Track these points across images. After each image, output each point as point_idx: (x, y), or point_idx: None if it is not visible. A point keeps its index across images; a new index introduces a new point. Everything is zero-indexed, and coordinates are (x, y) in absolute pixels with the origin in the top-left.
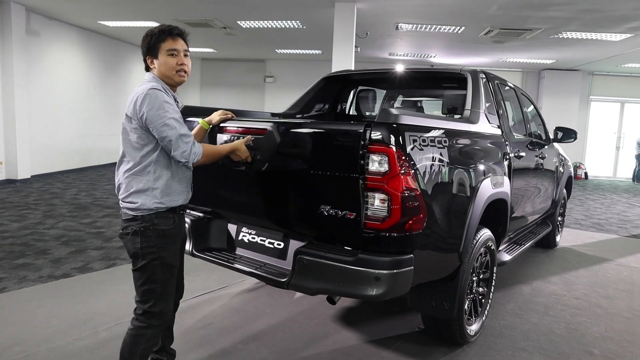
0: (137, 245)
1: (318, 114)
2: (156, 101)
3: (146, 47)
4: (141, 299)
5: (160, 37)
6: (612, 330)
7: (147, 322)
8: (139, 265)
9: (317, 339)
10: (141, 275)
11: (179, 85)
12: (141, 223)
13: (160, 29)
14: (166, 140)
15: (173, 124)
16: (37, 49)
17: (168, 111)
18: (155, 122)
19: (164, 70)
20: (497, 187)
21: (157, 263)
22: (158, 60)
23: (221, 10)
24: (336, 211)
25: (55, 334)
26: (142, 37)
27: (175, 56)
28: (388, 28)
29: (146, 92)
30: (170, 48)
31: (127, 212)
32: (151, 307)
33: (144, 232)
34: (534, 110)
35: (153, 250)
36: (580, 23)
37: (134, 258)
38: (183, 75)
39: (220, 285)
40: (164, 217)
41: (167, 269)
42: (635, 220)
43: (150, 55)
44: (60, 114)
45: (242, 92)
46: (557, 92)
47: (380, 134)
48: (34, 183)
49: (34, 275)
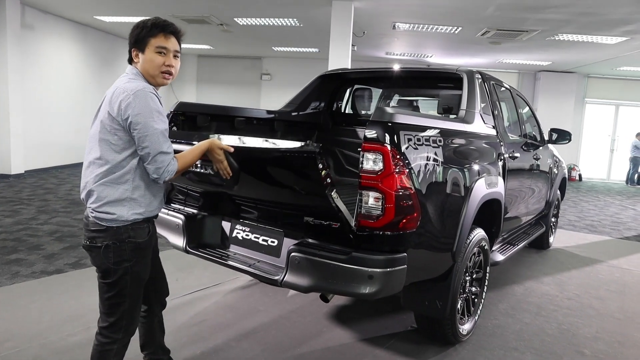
0: (109, 260)
1: (314, 111)
2: (146, 107)
3: (134, 39)
4: (107, 311)
5: (151, 30)
6: (603, 331)
7: (113, 336)
8: (110, 280)
9: (310, 336)
10: (110, 289)
11: (160, 86)
12: (115, 236)
13: (154, 22)
14: (144, 152)
15: (157, 138)
16: (32, 44)
17: (156, 121)
18: (140, 130)
19: (148, 68)
20: (491, 188)
21: (128, 278)
22: (144, 56)
23: (218, 7)
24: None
25: (48, 330)
26: (133, 26)
27: (164, 55)
28: (385, 27)
29: (135, 93)
30: (159, 45)
31: (97, 222)
32: (117, 321)
33: (119, 246)
34: (529, 111)
35: (127, 266)
36: (577, 26)
37: (104, 273)
38: (168, 77)
39: (213, 282)
40: (140, 229)
41: (139, 283)
42: (628, 223)
43: (136, 48)
44: (55, 109)
45: (238, 89)
46: (553, 94)
47: (375, 132)
48: (27, 178)
49: (27, 270)
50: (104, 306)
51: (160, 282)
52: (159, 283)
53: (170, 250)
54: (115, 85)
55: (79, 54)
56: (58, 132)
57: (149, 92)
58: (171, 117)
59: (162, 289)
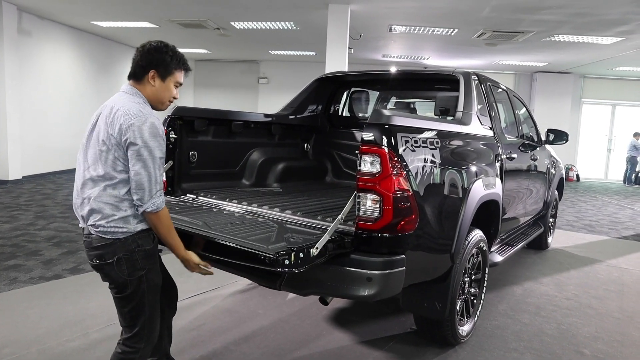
0: (123, 273)
1: (311, 114)
2: (152, 139)
3: (159, 62)
4: (129, 324)
5: (179, 64)
6: (602, 330)
7: (136, 346)
8: (127, 292)
9: (310, 339)
10: (129, 301)
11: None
12: (124, 247)
13: (182, 58)
14: (136, 177)
15: (152, 170)
16: (29, 49)
17: (157, 151)
18: (139, 158)
19: (161, 96)
20: (489, 189)
21: (145, 287)
22: (163, 84)
23: (215, 11)
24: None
25: (46, 336)
26: (155, 46)
27: (176, 88)
28: (381, 30)
29: (143, 118)
30: (179, 81)
31: (102, 237)
32: (140, 331)
33: (130, 256)
34: (526, 112)
35: (141, 275)
36: (572, 26)
37: (121, 287)
38: (168, 106)
39: (212, 286)
40: (147, 236)
41: (155, 289)
42: (625, 222)
43: (159, 72)
44: (52, 115)
45: (235, 93)
46: (549, 95)
47: (373, 134)
48: (25, 184)
49: (25, 276)
50: (125, 319)
51: (168, 287)
52: (167, 287)
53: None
54: (114, 106)
55: (76, 59)
56: (55, 137)
57: (155, 120)
58: (169, 122)
59: (171, 294)
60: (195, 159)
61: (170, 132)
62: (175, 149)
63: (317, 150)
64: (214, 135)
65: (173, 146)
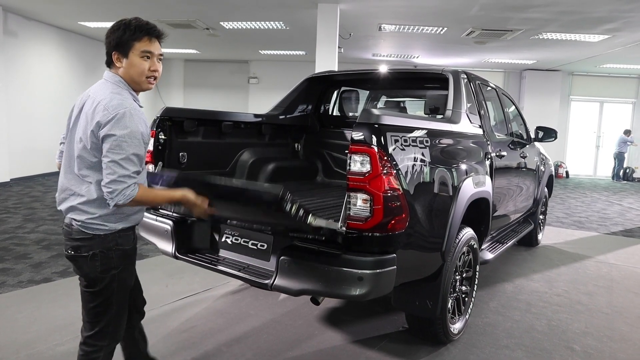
0: (96, 269)
1: (301, 114)
2: (128, 134)
3: (115, 41)
4: (92, 320)
5: (135, 34)
6: (592, 326)
7: (98, 344)
8: (97, 288)
9: (302, 340)
10: (95, 298)
11: (145, 91)
12: (102, 244)
13: (137, 25)
14: (107, 169)
15: (126, 164)
16: (15, 50)
17: (132, 147)
18: (111, 151)
19: (132, 74)
20: (479, 187)
21: (115, 285)
22: (127, 60)
23: (204, 11)
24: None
25: (35, 340)
26: (112, 27)
27: (149, 59)
28: (371, 29)
29: (122, 113)
30: (145, 49)
31: (83, 230)
32: (103, 328)
33: (106, 254)
34: (515, 110)
35: (114, 273)
36: (559, 24)
37: (91, 282)
38: (152, 82)
39: (204, 287)
40: (127, 236)
41: (125, 290)
42: (614, 218)
43: (118, 51)
44: (40, 116)
45: (225, 93)
46: (538, 92)
47: (362, 134)
48: (13, 187)
49: (14, 280)
50: (89, 315)
51: (136, 291)
52: (135, 292)
53: (160, 256)
54: (95, 97)
55: (63, 60)
56: (43, 139)
57: (135, 111)
58: (158, 123)
59: (139, 298)
60: (185, 160)
61: (159, 133)
62: (165, 150)
63: (307, 150)
64: (203, 136)
65: (162, 147)
